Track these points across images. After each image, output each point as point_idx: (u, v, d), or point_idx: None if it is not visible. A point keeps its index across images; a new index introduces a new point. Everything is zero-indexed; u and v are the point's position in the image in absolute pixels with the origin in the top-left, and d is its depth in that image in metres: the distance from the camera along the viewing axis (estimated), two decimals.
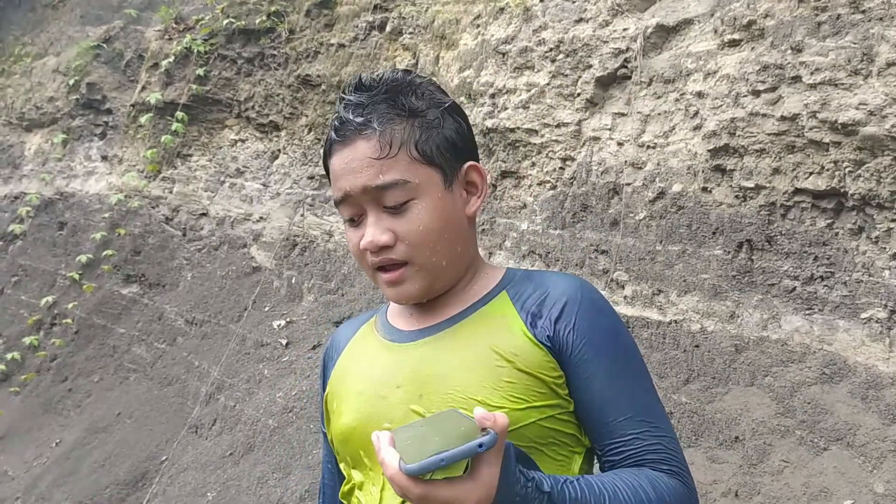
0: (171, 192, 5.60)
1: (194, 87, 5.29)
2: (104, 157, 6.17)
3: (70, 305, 5.55)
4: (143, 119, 5.53)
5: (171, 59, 5.44)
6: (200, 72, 5.27)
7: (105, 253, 5.53)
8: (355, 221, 1.14)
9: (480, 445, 0.83)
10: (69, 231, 6.06)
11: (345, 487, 1.18)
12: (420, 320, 1.18)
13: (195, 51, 5.30)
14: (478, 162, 1.19)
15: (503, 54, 3.73)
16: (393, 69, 1.20)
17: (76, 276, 5.66)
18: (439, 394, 1.07)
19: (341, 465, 1.21)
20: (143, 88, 5.70)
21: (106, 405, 4.84)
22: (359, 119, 1.12)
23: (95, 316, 5.46)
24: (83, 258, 5.62)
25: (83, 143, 6.34)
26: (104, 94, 6.13)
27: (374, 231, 1.11)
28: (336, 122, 1.15)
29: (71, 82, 6.21)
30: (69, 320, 5.49)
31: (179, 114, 5.36)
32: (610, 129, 3.31)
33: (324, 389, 1.27)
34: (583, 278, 1.28)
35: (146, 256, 5.49)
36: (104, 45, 6.11)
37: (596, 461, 1.14)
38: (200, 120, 5.48)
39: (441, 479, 0.86)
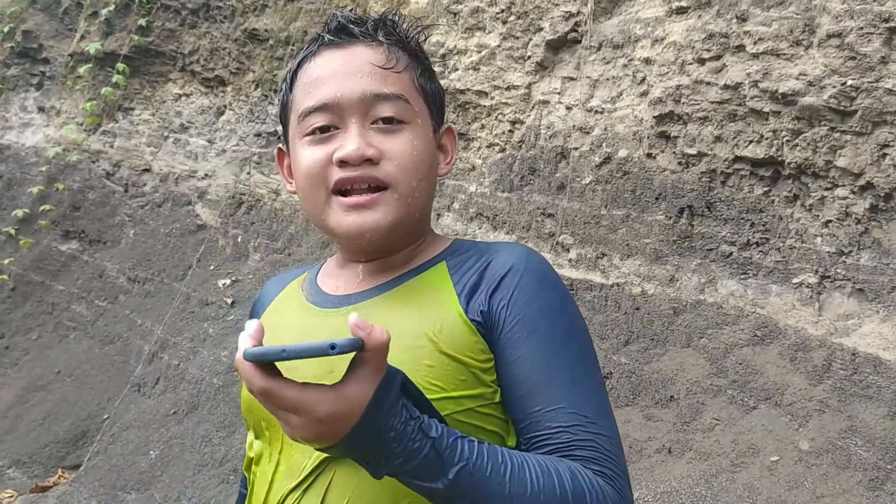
0: (111, 147, 5.44)
1: (136, 37, 5.11)
2: (41, 109, 5.94)
3: (6, 261, 5.38)
4: (81, 70, 5.32)
5: (112, 7, 5.23)
6: (142, 22, 5.09)
7: (42, 208, 5.35)
8: (323, 134, 0.99)
9: (333, 347, 0.70)
10: (4, 184, 5.85)
11: (248, 457, 1.07)
12: (350, 285, 1.05)
13: (137, 0, 5.12)
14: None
15: (455, 14, 3.70)
16: None
17: (12, 232, 5.48)
18: None
19: (248, 434, 1.08)
20: (82, 38, 5.48)
21: (45, 363, 4.75)
22: (361, 28, 1.02)
23: (33, 272, 5.31)
24: (19, 213, 5.43)
25: (18, 94, 6.09)
26: (41, 43, 5.87)
27: (361, 141, 0.97)
28: (331, 26, 1.03)
29: (5, 30, 5.93)
30: (5, 276, 5.33)
31: (120, 65, 5.18)
32: (559, 94, 3.33)
33: None
34: (531, 248, 1.18)
35: (86, 212, 5.34)
36: None
37: None
38: (143, 72, 5.31)
39: (297, 381, 0.75)
